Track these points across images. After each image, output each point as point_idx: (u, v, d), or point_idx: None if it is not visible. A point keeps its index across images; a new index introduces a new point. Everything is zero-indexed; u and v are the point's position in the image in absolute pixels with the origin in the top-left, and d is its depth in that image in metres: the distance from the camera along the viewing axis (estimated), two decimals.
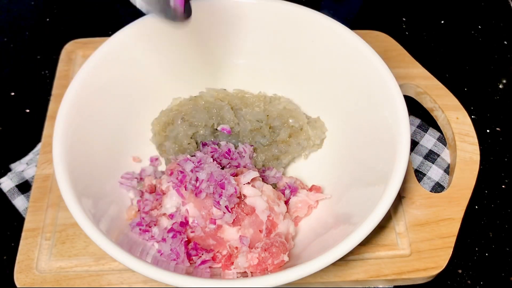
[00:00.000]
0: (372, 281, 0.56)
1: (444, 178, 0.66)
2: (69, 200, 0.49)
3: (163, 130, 0.63)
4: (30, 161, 0.67)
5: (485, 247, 0.62)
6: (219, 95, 0.64)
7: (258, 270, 0.51)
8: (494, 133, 0.72)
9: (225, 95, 0.64)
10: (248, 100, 0.64)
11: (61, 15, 0.86)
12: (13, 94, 0.76)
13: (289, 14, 0.62)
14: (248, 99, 0.64)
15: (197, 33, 0.64)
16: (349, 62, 0.60)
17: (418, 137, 0.69)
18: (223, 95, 0.64)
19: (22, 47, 0.81)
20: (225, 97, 0.64)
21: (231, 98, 0.64)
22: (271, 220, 0.54)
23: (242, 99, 0.64)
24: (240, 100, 0.64)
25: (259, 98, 0.64)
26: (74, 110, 0.55)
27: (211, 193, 0.52)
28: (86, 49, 0.73)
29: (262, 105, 0.64)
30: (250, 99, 0.64)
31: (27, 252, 0.57)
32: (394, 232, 0.58)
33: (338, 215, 0.56)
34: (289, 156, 0.62)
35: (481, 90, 0.77)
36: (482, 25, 0.85)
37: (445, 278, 0.60)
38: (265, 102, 0.64)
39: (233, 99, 0.64)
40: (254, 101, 0.64)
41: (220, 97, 0.64)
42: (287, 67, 0.66)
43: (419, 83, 0.69)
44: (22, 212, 0.63)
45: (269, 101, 0.65)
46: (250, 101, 0.64)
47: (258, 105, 0.64)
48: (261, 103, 0.64)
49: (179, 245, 0.52)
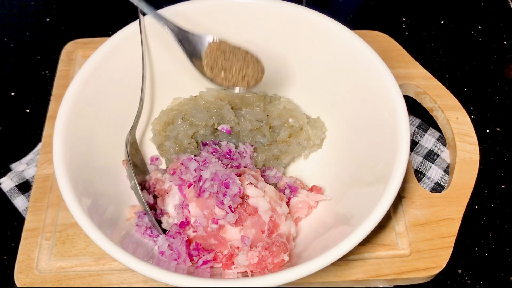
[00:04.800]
0: (372, 281, 0.56)
1: (444, 178, 0.66)
2: (69, 200, 0.49)
3: (164, 130, 0.63)
4: (30, 161, 0.67)
5: (485, 247, 0.62)
6: (219, 95, 0.64)
7: (258, 269, 0.51)
8: (494, 133, 0.72)
9: (225, 95, 0.64)
10: (248, 100, 0.64)
11: (61, 15, 0.86)
12: (13, 94, 0.76)
13: (289, 14, 0.62)
14: (248, 99, 0.64)
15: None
16: (349, 62, 0.60)
17: (418, 137, 0.69)
18: (223, 95, 0.64)
19: (22, 47, 0.81)
20: (225, 97, 0.64)
21: (231, 98, 0.64)
22: (273, 220, 0.54)
23: (242, 99, 0.64)
24: (240, 100, 0.64)
25: (259, 98, 0.64)
26: (74, 110, 0.55)
27: (214, 193, 0.52)
28: (86, 49, 0.73)
29: (262, 105, 0.64)
30: (250, 99, 0.64)
31: (27, 252, 0.57)
32: (394, 232, 0.58)
33: (338, 215, 0.56)
34: (289, 156, 0.62)
35: (481, 90, 0.77)
36: (482, 25, 0.85)
37: (445, 278, 0.60)
38: (265, 102, 0.64)
39: (233, 99, 0.64)
40: (254, 101, 0.64)
41: (220, 97, 0.64)
42: (287, 67, 0.66)
43: (419, 83, 0.69)
44: (22, 212, 0.63)
45: (269, 101, 0.65)
46: (250, 101, 0.64)
47: (258, 105, 0.64)
48: (261, 103, 0.64)
49: (180, 245, 0.52)
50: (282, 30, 0.63)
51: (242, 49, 0.57)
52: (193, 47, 0.57)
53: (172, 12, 0.62)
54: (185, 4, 0.62)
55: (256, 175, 0.57)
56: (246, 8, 0.62)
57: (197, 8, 0.62)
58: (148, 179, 0.60)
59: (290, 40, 0.64)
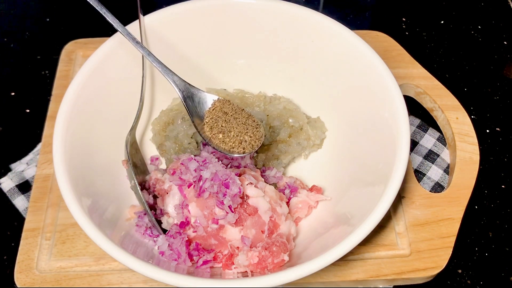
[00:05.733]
0: (372, 281, 0.56)
1: (444, 178, 0.66)
2: (69, 200, 0.49)
3: (163, 130, 0.63)
4: (30, 161, 0.67)
5: (485, 247, 0.62)
6: (219, 95, 0.64)
7: (258, 269, 0.51)
8: (494, 133, 0.72)
9: (225, 95, 0.64)
10: (248, 100, 0.64)
11: (61, 15, 0.86)
12: (13, 94, 0.76)
13: (289, 14, 0.62)
14: (248, 99, 0.64)
15: (197, 33, 0.64)
16: (349, 62, 0.60)
17: (418, 137, 0.69)
18: (223, 95, 0.64)
19: (22, 47, 0.81)
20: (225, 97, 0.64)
21: (231, 98, 0.64)
22: (273, 220, 0.54)
23: (242, 99, 0.64)
24: (240, 100, 0.64)
25: (259, 98, 0.64)
26: (74, 110, 0.55)
27: (214, 193, 0.52)
28: (86, 49, 0.73)
29: (262, 105, 0.64)
30: (250, 99, 0.64)
31: (27, 252, 0.57)
32: (394, 232, 0.58)
33: (338, 215, 0.56)
34: (289, 156, 0.62)
35: (481, 90, 0.77)
36: (482, 25, 0.85)
37: (445, 278, 0.60)
38: (265, 102, 0.64)
39: (233, 99, 0.64)
40: (254, 101, 0.64)
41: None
42: (287, 67, 0.66)
43: (419, 83, 0.69)
44: (22, 212, 0.63)
45: (269, 101, 0.65)
46: (250, 101, 0.64)
47: (258, 105, 0.64)
48: (261, 103, 0.64)
49: (180, 245, 0.52)
50: (282, 30, 0.63)
51: (245, 112, 0.57)
52: (197, 104, 0.57)
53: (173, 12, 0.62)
54: (185, 4, 0.62)
55: (256, 175, 0.57)
56: (246, 8, 0.62)
57: (197, 8, 0.62)
58: (148, 179, 0.60)
59: (290, 40, 0.64)
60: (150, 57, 0.56)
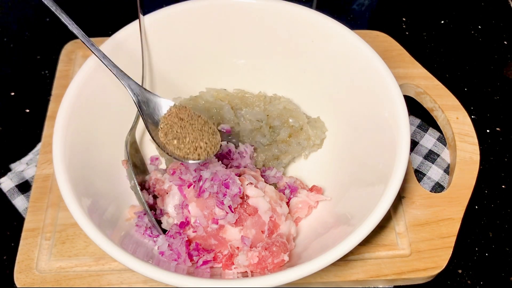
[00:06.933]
0: (372, 281, 0.56)
1: (444, 178, 0.66)
2: (69, 200, 0.49)
3: None
4: (30, 161, 0.67)
5: (485, 247, 0.62)
6: (219, 95, 0.64)
7: (258, 269, 0.51)
8: (494, 133, 0.72)
9: (225, 95, 0.64)
10: (248, 100, 0.64)
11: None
12: (13, 94, 0.76)
13: (289, 14, 0.62)
14: (248, 99, 0.64)
15: (197, 33, 0.64)
16: (349, 62, 0.60)
17: (418, 137, 0.69)
18: (223, 95, 0.64)
19: (22, 47, 0.81)
20: (225, 97, 0.64)
21: (231, 98, 0.64)
22: (273, 221, 0.54)
23: (242, 99, 0.64)
24: (240, 100, 0.64)
25: (259, 98, 0.64)
26: (74, 110, 0.55)
27: (214, 193, 0.52)
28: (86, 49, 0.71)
29: (262, 105, 0.64)
30: (250, 99, 0.64)
31: (27, 252, 0.57)
32: (394, 232, 0.58)
33: (338, 215, 0.56)
34: (289, 156, 0.62)
35: (481, 90, 0.77)
36: (482, 25, 0.85)
37: (445, 278, 0.60)
38: (265, 102, 0.64)
39: (233, 99, 0.64)
40: (254, 101, 0.64)
41: (220, 97, 0.64)
42: (287, 67, 0.66)
43: (419, 83, 0.69)
44: (22, 212, 0.63)
45: (269, 101, 0.65)
46: (250, 101, 0.64)
47: (258, 105, 0.64)
48: (261, 103, 0.64)
49: (180, 245, 0.52)
50: (282, 30, 0.63)
51: (201, 119, 0.54)
52: (152, 110, 0.54)
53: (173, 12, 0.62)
54: (185, 4, 0.62)
55: (256, 175, 0.57)
56: (246, 8, 0.62)
57: (197, 8, 0.62)
58: (148, 179, 0.60)
59: (290, 40, 0.64)
60: (105, 60, 0.54)
